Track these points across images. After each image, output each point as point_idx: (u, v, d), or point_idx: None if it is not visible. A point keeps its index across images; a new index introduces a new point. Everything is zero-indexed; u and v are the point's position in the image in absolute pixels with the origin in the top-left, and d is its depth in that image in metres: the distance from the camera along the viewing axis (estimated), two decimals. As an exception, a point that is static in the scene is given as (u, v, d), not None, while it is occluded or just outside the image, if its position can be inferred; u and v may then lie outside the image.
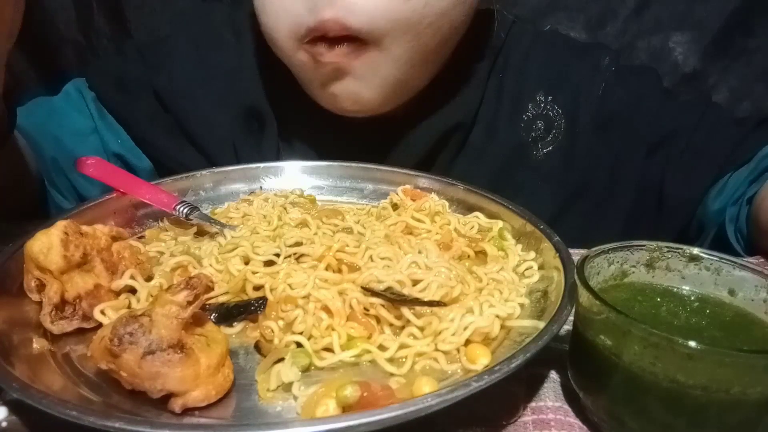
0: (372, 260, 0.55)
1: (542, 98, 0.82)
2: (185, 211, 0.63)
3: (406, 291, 0.50)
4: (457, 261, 0.57)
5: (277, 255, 0.55)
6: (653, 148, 0.80)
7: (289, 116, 0.82)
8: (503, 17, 0.84)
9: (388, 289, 0.50)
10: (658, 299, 0.46)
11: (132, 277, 0.52)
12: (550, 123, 0.82)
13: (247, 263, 0.55)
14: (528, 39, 0.85)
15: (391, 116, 0.80)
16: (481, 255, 0.59)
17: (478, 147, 0.82)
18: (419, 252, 0.56)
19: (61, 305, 0.48)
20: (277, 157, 0.82)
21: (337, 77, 0.71)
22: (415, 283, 0.51)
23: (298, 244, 0.57)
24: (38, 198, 0.79)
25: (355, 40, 0.68)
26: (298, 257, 0.56)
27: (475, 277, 0.54)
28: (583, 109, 0.81)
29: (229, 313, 0.50)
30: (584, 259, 0.45)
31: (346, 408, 0.40)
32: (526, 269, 0.57)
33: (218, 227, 0.62)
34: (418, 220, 0.63)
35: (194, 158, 0.83)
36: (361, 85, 0.72)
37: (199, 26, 0.88)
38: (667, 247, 0.47)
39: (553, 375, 0.48)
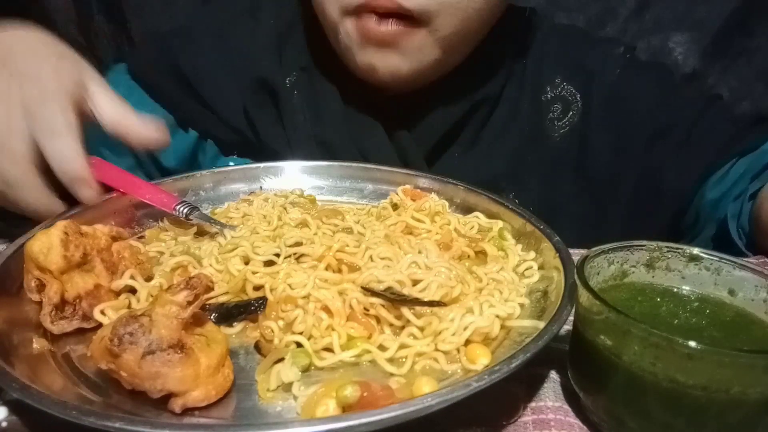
0: (372, 260, 0.55)
1: (559, 81, 0.86)
2: (185, 211, 0.63)
3: (406, 291, 0.50)
4: (457, 261, 0.57)
5: (277, 255, 0.55)
6: (655, 137, 0.82)
7: (315, 87, 0.84)
8: (522, 7, 0.88)
9: (388, 289, 0.50)
10: (658, 299, 0.46)
11: (132, 277, 0.52)
12: (567, 105, 0.85)
13: (247, 263, 0.55)
14: (546, 28, 0.90)
15: (419, 89, 0.82)
16: (481, 255, 0.59)
17: (501, 124, 0.85)
18: (419, 252, 0.56)
19: (61, 305, 0.48)
20: (295, 132, 0.84)
21: (381, 49, 0.73)
22: (415, 283, 0.51)
23: (298, 244, 0.57)
24: None
25: (403, 17, 0.70)
26: (298, 257, 0.56)
27: (475, 277, 0.54)
28: (596, 94, 0.84)
29: (229, 313, 0.50)
30: (584, 259, 0.45)
31: (346, 408, 0.40)
32: (526, 269, 0.57)
33: (218, 227, 0.62)
34: (418, 220, 0.63)
35: (220, 128, 0.87)
36: (402, 61, 0.74)
37: (219, 13, 0.92)
38: (667, 247, 0.47)
39: (553, 375, 0.48)
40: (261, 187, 0.74)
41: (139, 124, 0.63)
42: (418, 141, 0.83)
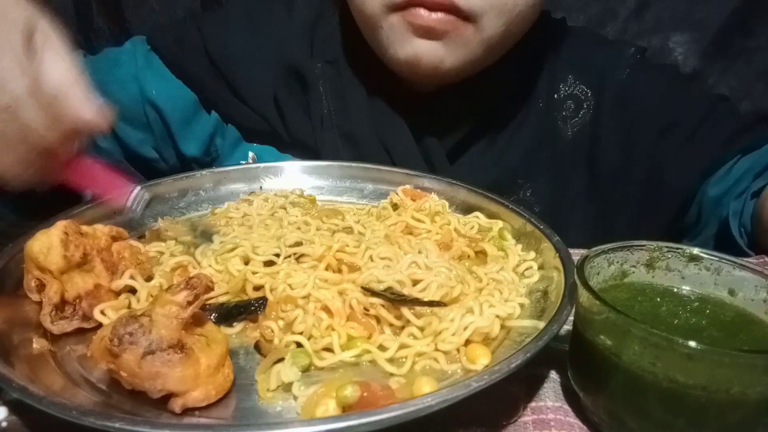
0: (372, 260, 0.55)
1: (572, 79, 0.87)
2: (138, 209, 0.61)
3: (406, 291, 0.50)
4: (457, 261, 0.57)
5: (277, 255, 0.55)
6: (661, 135, 0.83)
7: (343, 79, 0.85)
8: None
9: (388, 289, 0.50)
10: (658, 299, 0.46)
11: (132, 277, 0.52)
12: (579, 103, 0.86)
13: (247, 263, 0.55)
14: (560, 29, 0.91)
15: (444, 88, 0.83)
16: (481, 255, 0.59)
17: (519, 121, 0.86)
18: (419, 252, 0.56)
19: (61, 305, 0.48)
20: (321, 122, 0.84)
21: (428, 40, 0.73)
22: (415, 283, 0.51)
23: (298, 244, 0.57)
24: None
25: (451, 11, 0.71)
26: (298, 257, 0.56)
27: (475, 277, 0.54)
28: (608, 92, 0.85)
29: (229, 313, 0.50)
30: (584, 259, 0.45)
31: (346, 408, 0.40)
32: (526, 269, 0.57)
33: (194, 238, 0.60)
34: (418, 220, 0.63)
35: (245, 113, 0.86)
36: (447, 54, 0.74)
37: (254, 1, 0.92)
38: (667, 247, 0.47)
39: (553, 375, 0.48)
40: (261, 187, 0.74)
41: (84, 98, 0.55)
42: (441, 138, 0.84)
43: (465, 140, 0.85)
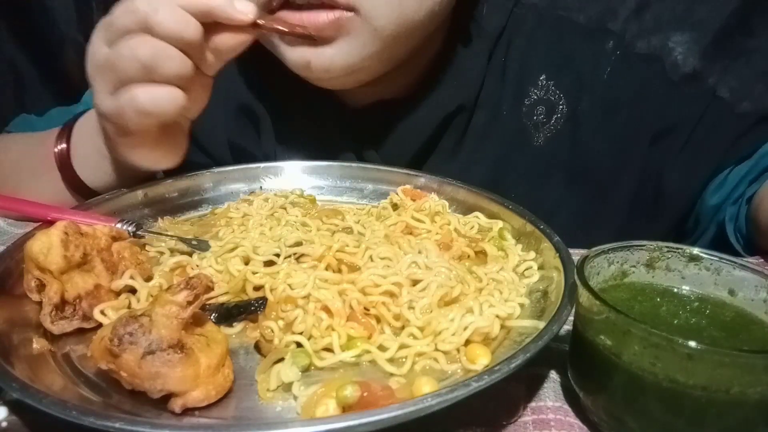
0: (372, 260, 0.55)
1: (544, 82, 0.81)
2: (130, 229, 0.60)
3: (405, 291, 0.50)
4: (457, 261, 0.57)
5: (277, 255, 0.55)
6: (656, 137, 0.80)
7: (289, 110, 0.83)
8: (502, 1, 0.83)
9: None
10: (658, 299, 0.46)
11: (132, 277, 0.52)
12: (552, 108, 0.81)
13: (247, 263, 0.55)
14: (532, 22, 0.84)
15: (391, 100, 0.80)
16: (481, 255, 0.59)
17: (481, 130, 0.82)
18: (419, 252, 0.56)
19: (61, 305, 0.48)
20: (275, 153, 0.82)
21: (309, 43, 0.68)
22: (415, 283, 0.51)
23: (298, 244, 0.57)
24: None
25: (325, 5, 0.65)
26: (298, 257, 0.56)
27: (475, 277, 0.54)
28: (587, 94, 0.80)
29: (229, 313, 0.50)
30: (584, 259, 0.45)
31: (346, 408, 0.40)
32: (526, 269, 0.57)
33: (187, 244, 0.59)
34: (418, 220, 0.63)
35: (201, 159, 0.85)
36: (334, 52, 0.68)
37: None
38: (667, 247, 0.47)
39: (553, 375, 0.48)
40: (261, 187, 0.74)
41: None
42: (394, 154, 0.79)
43: (422, 154, 0.80)
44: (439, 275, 0.51)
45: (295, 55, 0.70)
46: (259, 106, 0.83)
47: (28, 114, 0.91)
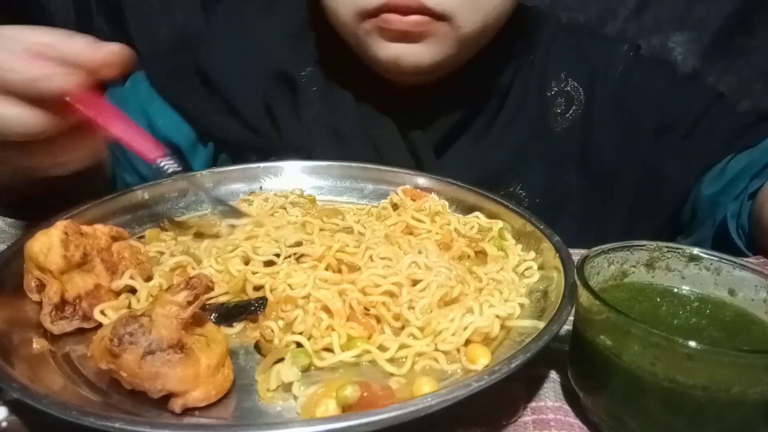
0: (372, 260, 0.55)
1: (564, 77, 0.87)
2: (168, 169, 0.58)
3: (405, 291, 0.50)
4: (457, 261, 0.57)
5: (277, 255, 0.55)
6: (659, 133, 0.83)
7: (329, 81, 0.86)
8: (529, 6, 0.91)
9: None
10: (658, 299, 0.46)
11: (132, 277, 0.52)
12: (571, 100, 0.87)
13: (247, 263, 0.55)
14: (553, 26, 0.92)
15: (429, 83, 0.83)
16: (481, 255, 0.59)
17: (510, 116, 0.87)
18: (419, 252, 0.56)
19: (61, 305, 0.48)
20: (311, 123, 0.85)
21: (405, 41, 0.74)
22: (415, 283, 0.51)
23: (298, 244, 0.57)
24: (112, 178, 0.86)
25: (424, 12, 0.71)
26: (298, 257, 0.56)
27: (475, 277, 0.54)
28: (599, 89, 0.86)
29: (229, 313, 0.50)
30: (584, 259, 0.45)
31: (346, 408, 0.40)
32: (526, 269, 0.57)
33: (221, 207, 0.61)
34: (418, 220, 0.63)
35: (240, 133, 0.88)
36: (425, 51, 0.75)
37: (234, 13, 0.94)
38: (667, 247, 0.47)
39: (553, 375, 0.48)
40: (261, 187, 0.74)
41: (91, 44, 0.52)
42: (427, 131, 0.84)
43: (451, 134, 0.85)
44: (439, 275, 0.51)
45: (389, 51, 0.75)
46: (297, 73, 0.86)
47: None
